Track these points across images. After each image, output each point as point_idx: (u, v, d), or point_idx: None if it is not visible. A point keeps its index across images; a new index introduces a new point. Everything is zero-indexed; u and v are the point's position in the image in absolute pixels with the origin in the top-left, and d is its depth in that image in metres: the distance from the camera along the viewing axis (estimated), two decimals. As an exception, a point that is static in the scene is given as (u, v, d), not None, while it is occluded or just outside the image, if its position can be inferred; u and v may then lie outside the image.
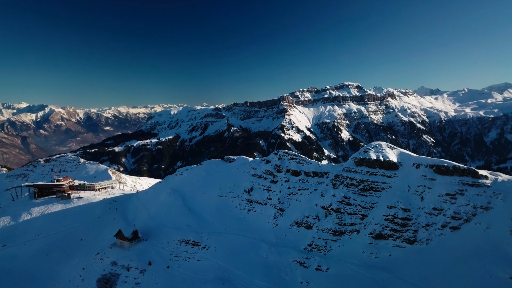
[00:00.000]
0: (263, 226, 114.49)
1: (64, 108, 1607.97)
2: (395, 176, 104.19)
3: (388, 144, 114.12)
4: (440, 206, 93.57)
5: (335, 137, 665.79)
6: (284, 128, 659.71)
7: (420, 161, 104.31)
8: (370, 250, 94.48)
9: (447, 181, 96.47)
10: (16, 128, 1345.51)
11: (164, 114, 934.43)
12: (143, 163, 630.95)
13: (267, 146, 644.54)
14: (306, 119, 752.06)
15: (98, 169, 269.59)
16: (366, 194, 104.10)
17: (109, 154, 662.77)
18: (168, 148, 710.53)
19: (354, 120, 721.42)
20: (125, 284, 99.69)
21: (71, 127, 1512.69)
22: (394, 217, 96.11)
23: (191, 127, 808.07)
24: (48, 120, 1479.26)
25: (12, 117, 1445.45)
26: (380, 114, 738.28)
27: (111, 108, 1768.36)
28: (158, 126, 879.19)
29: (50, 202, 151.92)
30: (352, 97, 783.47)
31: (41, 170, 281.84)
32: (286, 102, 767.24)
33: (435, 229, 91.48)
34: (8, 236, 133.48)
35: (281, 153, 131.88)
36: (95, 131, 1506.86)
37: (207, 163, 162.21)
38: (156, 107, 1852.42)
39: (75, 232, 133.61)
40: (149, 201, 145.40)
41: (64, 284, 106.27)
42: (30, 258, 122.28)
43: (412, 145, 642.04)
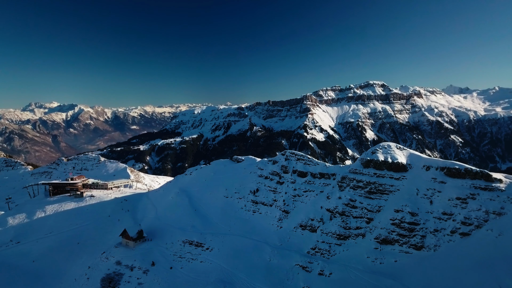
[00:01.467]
0: (267, 228, 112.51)
1: (93, 107, 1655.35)
2: (403, 179, 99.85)
3: (397, 145, 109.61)
4: (450, 210, 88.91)
5: (359, 136, 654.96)
6: (307, 128, 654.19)
7: (431, 163, 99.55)
8: (375, 255, 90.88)
9: (458, 184, 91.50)
10: (48, 127, 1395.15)
11: (188, 113, 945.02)
12: (167, 161, 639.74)
13: (289, 145, 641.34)
14: (329, 118, 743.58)
15: (118, 167, 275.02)
16: (373, 197, 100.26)
17: (134, 153, 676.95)
18: (192, 147, 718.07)
19: (379, 119, 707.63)
20: (128, 284, 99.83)
21: (99, 126, 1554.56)
22: (401, 221, 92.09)
23: (214, 126, 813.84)
24: (78, 119, 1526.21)
25: (44, 116, 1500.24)
26: (406, 114, 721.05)
27: (138, 107, 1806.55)
28: (182, 125, 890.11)
29: (63, 200, 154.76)
30: (377, 96, 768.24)
31: (63, 168, 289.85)
32: (309, 101, 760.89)
33: (443, 235, 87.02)
34: (22, 233, 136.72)
35: (288, 154, 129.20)
36: (122, 130, 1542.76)
37: (215, 163, 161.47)
38: (181, 107, 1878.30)
39: (85, 230, 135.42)
40: (158, 200, 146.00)
41: (70, 282, 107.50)
42: (41, 255, 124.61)
43: (439, 145, 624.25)
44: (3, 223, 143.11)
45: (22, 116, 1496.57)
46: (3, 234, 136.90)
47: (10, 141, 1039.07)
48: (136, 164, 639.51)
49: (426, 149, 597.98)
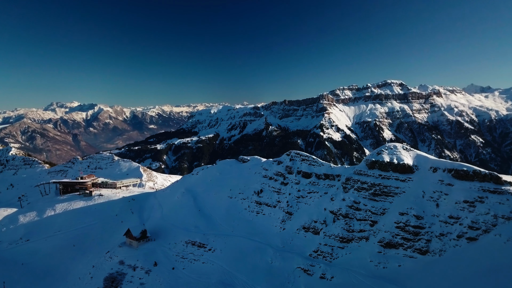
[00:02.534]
0: (270, 229, 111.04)
1: (112, 107, 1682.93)
2: (409, 181, 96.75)
3: (403, 146, 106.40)
4: (456, 214, 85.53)
5: (377, 136, 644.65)
6: (323, 127, 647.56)
7: (438, 164, 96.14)
8: (379, 259, 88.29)
9: (466, 187, 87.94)
10: (68, 126, 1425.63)
11: (205, 113, 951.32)
12: (183, 160, 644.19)
13: (305, 145, 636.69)
14: (346, 117, 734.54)
15: (131, 166, 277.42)
16: (377, 199, 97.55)
17: (152, 152, 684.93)
18: (208, 146, 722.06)
19: (397, 119, 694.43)
20: (130, 284, 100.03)
21: (118, 125, 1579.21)
22: (406, 224, 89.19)
23: (230, 126, 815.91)
24: (97, 119, 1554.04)
25: (65, 116, 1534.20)
26: (425, 113, 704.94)
27: (156, 107, 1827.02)
28: (199, 124, 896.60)
29: (73, 199, 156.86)
30: (395, 95, 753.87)
31: (78, 167, 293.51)
32: (325, 101, 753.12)
33: (449, 240, 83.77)
34: (32, 231, 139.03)
35: (293, 154, 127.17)
36: (140, 129, 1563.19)
37: (221, 163, 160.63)
38: (198, 106, 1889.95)
39: (92, 229, 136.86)
40: (164, 200, 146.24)
41: (75, 281, 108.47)
42: (49, 253, 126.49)
43: (459, 145, 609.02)
44: (14, 221, 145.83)
45: (44, 115, 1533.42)
46: (14, 232, 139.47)
47: (33, 139, 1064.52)
48: (153, 163, 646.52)
49: (445, 149, 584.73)
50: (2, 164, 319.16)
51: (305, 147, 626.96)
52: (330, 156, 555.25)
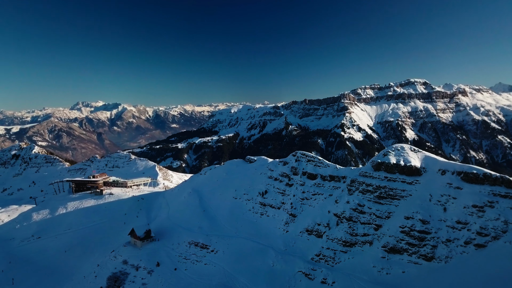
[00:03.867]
0: (274, 231, 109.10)
1: (136, 106, 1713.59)
2: (416, 183, 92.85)
3: (411, 147, 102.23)
4: (465, 219, 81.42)
5: (399, 136, 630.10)
6: (344, 127, 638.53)
7: (447, 167, 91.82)
8: (382, 265, 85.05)
9: (476, 190, 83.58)
10: (93, 125, 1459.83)
11: (225, 112, 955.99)
12: (204, 159, 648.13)
13: (325, 145, 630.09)
14: (368, 117, 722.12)
15: (147, 165, 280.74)
16: (383, 202, 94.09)
17: (173, 151, 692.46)
18: (228, 145, 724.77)
19: (420, 118, 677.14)
20: (132, 284, 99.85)
21: (141, 124, 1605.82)
22: (411, 229, 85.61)
23: (250, 125, 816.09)
24: (121, 118, 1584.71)
25: (90, 115, 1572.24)
26: (449, 113, 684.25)
27: (178, 106, 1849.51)
28: (219, 124, 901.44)
29: (84, 197, 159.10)
30: (418, 95, 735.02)
31: (96, 165, 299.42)
32: (346, 100, 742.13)
33: (456, 246, 79.81)
34: (44, 228, 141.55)
35: (298, 155, 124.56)
36: (163, 128, 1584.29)
37: (229, 163, 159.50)
38: (219, 105, 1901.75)
39: (101, 227, 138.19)
40: (172, 200, 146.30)
41: (79, 280, 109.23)
42: (58, 251, 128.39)
43: (485, 146, 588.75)
44: (27, 218, 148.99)
45: (70, 114, 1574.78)
46: (26, 229, 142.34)
47: (59, 138, 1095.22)
48: (174, 161, 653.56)
49: (470, 150, 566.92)
50: (26, 162, 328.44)
51: (326, 147, 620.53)
52: (351, 156, 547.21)
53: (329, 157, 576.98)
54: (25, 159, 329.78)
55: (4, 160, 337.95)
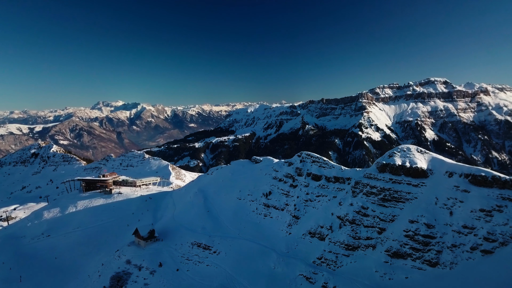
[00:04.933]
0: (276, 233, 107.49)
1: (154, 106, 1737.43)
2: (422, 186, 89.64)
3: (418, 148, 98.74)
4: (471, 224, 77.94)
5: (418, 136, 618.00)
6: (362, 126, 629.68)
7: (454, 169, 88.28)
8: (385, 269, 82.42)
9: (484, 194, 79.91)
10: (113, 124, 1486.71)
11: (241, 112, 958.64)
12: (220, 159, 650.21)
13: (343, 145, 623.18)
14: (386, 117, 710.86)
15: (160, 164, 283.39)
16: (387, 204, 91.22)
17: (190, 150, 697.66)
18: (244, 145, 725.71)
19: (440, 118, 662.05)
20: (134, 284, 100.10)
21: (159, 123, 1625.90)
22: (415, 233, 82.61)
23: (266, 125, 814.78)
24: (140, 117, 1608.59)
25: (110, 114, 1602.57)
26: (471, 112, 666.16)
27: (196, 106, 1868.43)
28: (236, 123, 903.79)
29: (94, 196, 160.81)
30: (438, 94, 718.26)
31: (111, 164, 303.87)
32: (364, 99, 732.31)
33: (462, 251, 76.47)
34: (54, 226, 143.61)
35: (304, 155, 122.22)
36: (181, 128, 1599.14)
37: (235, 163, 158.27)
38: (237, 105, 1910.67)
39: (108, 226, 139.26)
40: (178, 200, 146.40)
41: (84, 278, 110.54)
42: (66, 249, 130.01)
43: (508, 146, 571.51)
44: (39, 216, 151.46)
45: (91, 114, 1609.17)
46: (37, 227, 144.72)
47: (80, 137, 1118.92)
48: (192, 160, 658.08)
49: (492, 151, 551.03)
50: (44, 160, 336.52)
51: (343, 147, 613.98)
52: (369, 156, 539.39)
53: (347, 157, 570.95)
54: (43, 158, 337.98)
55: (24, 159, 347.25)
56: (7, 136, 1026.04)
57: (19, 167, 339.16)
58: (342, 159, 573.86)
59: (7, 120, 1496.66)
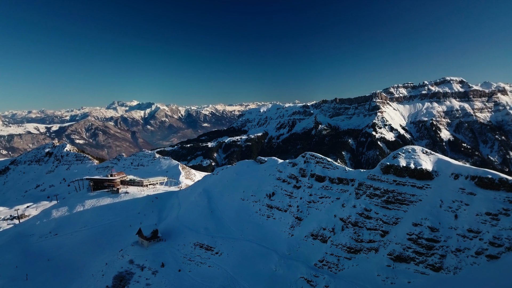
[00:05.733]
0: (279, 235, 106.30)
1: (168, 105, 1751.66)
2: (427, 188, 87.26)
3: (423, 149, 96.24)
4: (477, 227, 75.44)
5: (433, 136, 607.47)
6: (376, 126, 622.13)
7: (460, 170, 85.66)
8: (387, 273, 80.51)
9: (490, 197, 77.28)
10: (128, 123, 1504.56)
11: (254, 112, 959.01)
12: (233, 158, 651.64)
13: (356, 145, 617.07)
14: (400, 116, 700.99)
15: (170, 164, 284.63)
16: (390, 207, 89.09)
17: (203, 149, 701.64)
18: (257, 144, 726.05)
19: (456, 118, 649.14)
20: (137, 284, 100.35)
21: (173, 123, 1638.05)
22: (418, 236, 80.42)
23: (279, 125, 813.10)
24: (154, 117, 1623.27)
25: (125, 114, 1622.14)
26: (488, 112, 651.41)
27: (209, 106, 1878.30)
28: (248, 123, 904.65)
29: (101, 195, 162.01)
30: (454, 93, 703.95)
31: (122, 164, 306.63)
32: (378, 99, 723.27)
33: (467, 256, 74.10)
34: (61, 225, 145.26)
35: (308, 156, 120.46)
36: (194, 127, 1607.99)
37: (240, 163, 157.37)
38: (250, 105, 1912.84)
39: (114, 226, 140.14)
40: (183, 200, 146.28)
41: (88, 277, 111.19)
42: (72, 248, 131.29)
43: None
44: (48, 215, 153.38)
45: (106, 113, 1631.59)
46: (46, 225, 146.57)
47: (95, 136, 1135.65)
48: (204, 160, 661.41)
49: (510, 151, 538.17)
50: (58, 159, 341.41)
51: (356, 147, 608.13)
52: (383, 156, 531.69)
53: (360, 158, 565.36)
54: (57, 157, 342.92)
55: (38, 158, 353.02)
56: (25, 135, 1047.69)
57: (33, 166, 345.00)
58: (355, 159, 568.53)
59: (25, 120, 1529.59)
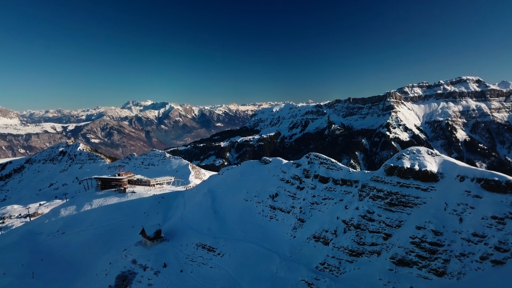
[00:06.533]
0: (281, 236, 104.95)
1: (182, 105, 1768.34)
2: (432, 190, 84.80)
3: (428, 150, 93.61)
4: (482, 232, 72.90)
5: (449, 137, 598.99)
6: (390, 126, 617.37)
7: (466, 172, 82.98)
8: (389, 278, 78.51)
9: (497, 200, 74.57)
10: (142, 123, 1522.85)
11: (267, 111, 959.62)
12: (245, 158, 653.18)
13: (370, 145, 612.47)
14: (415, 116, 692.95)
15: (181, 164, 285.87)
16: (394, 209, 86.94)
17: (216, 149, 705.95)
18: (269, 144, 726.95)
19: (472, 118, 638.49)
20: (139, 284, 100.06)
21: (187, 123, 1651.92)
22: (422, 240, 78.20)
23: (292, 124, 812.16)
24: (168, 116, 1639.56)
25: (139, 114, 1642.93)
26: (505, 112, 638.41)
27: (222, 105, 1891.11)
28: (261, 123, 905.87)
29: (109, 195, 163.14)
30: (471, 93, 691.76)
31: (133, 163, 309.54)
32: (393, 98, 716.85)
33: (471, 261, 71.66)
34: (69, 224, 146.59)
35: (312, 156, 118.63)
36: (208, 127, 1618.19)
37: (245, 163, 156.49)
38: (263, 105, 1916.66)
39: (120, 225, 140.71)
40: (189, 200, 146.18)
41: (92, 276, 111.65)
42: (79, 247, 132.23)
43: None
44: (56, 214, 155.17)
45: (121, 113, 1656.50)
46: (54, 224, 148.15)
47: (110, 135, 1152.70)
48: (217, 159, 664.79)
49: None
50: (71, 158, 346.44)
51: (370, 147, 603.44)
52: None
53: (373, 158, 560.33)
54: (70, 156, 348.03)
55: (52, 157, 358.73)
56: (42, 134, 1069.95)
57: (48, 164, 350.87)
58: (369, 160, 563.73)
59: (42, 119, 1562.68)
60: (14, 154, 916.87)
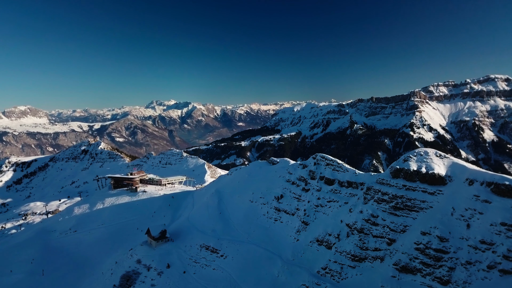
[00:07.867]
0: (285, 239, 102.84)
1: (205, 105, 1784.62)
2: (439, 194, 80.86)
3: (437, 152, 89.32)
4: (490, 239, 68.73)
5: (475, 137, 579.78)
6: (414, 126, 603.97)
7: (476, 176, 78.59)
8: (391, 284, 75.41)
9: (507, 205, 70.17)
10: (165, 122, 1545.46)
11: (288, 111, 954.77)
12: (265, 157, 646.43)
13: (393, 145, 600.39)
14: (440, 116, 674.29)
15: (197, 163, 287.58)
16: (399, 213, 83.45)
17: (236, 148, 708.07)
18: (290, 144, 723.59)
19: (501, 118, 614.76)
20: (142, 284, 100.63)
21: (209, 122, 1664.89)
22: (426, 246, 74.60)
23: (313, 124, 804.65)
24: (191, 116, 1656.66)
25: (163, 113, 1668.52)
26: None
27: (244, 105, 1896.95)
28: (282, 122, 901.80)
29: (121, 194, 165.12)
30: (499, 92, 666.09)
31: (151, 162, 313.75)
32: (417, 98, 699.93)
33: (478, 270, 67.67)
34: (81, 222, 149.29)
35: (318, 158, 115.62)
36: (230, 126, 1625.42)
37: (253, 164, 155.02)
38: (285, 104, 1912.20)
39: (130, 224, 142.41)
40: (197, 200, 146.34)
41: (98, 275, 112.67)
42: (89, 245, 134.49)
43: None
44: (70, 212, 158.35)
45: (145, 112, 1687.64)
46: (67, 222, 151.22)
47: (134, 134, 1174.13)
48: (238, 159, 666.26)
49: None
50: (92, 157, 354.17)
51: (393, 147, 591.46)
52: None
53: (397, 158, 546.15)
54: (92, 155, 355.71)
55: (75, 155, 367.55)
56: (69, 133, 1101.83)
57: (70, 163, 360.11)
58: (391, 160, 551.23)
59: (70, 118, 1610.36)
60: (43, 152, 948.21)
